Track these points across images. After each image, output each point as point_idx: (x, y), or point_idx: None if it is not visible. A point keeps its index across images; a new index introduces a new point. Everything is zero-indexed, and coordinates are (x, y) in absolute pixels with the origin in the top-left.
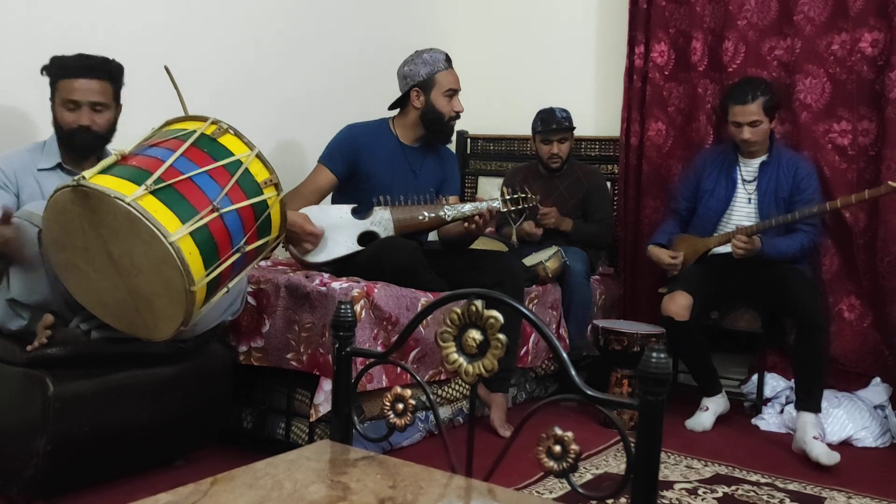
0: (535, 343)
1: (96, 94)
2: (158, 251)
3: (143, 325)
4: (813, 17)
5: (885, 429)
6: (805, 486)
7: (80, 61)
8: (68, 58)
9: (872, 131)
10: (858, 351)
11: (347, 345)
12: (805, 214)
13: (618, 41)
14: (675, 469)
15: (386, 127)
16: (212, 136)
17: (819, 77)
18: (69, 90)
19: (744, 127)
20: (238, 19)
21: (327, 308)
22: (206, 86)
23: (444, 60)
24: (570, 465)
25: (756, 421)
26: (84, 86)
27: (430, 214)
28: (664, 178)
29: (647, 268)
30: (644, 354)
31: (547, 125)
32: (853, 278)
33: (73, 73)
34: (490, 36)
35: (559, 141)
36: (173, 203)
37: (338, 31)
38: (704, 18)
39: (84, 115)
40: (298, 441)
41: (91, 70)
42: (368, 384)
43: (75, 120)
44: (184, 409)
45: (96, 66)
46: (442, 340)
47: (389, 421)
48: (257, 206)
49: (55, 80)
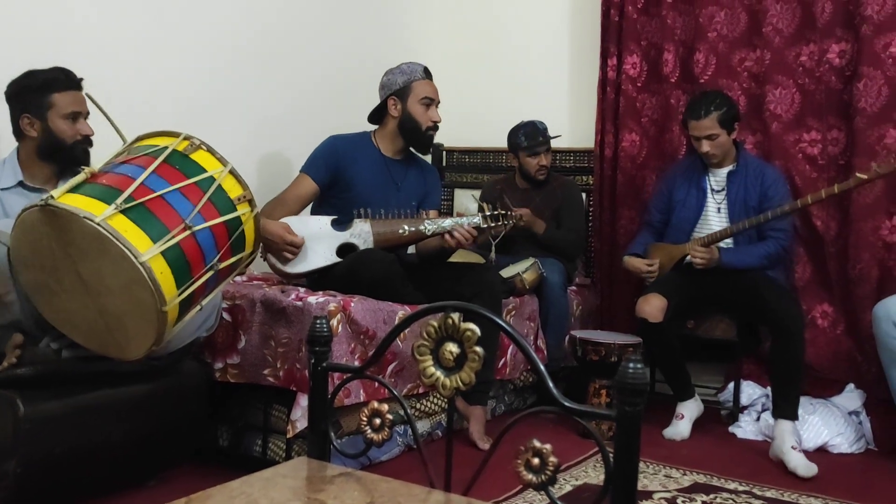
0: (513, 355)
1: (85, 104)
2: (129, 271)
3: (115, 344)
4: (781, 28)
5: (859, 434)
6: (782, 493)
7: (65, 74)
8: (52, 71)
9: (841, 140)
10: (832, 358)
11: (323, 360)
12: (777, 214)
13: (591, 53)
14: (653, 478)
15: (368, 139)
16: (184, 152)
17: (788, 87)
18: (68, 103)
19: (702, 140)
20: (213, 33)
21: (304, 323)
22: (182, 100)
23: (423, 71)
24: (549, 478)
25: (733, 429)
26: (79, 97)
27: (411, 228)
28: (639, 189)
29: (623, 278)
30: (621, 365)
31: (533, 139)
32: (825, 286)
33: (67, 86)
34: (464, 49)
35: (545, 153)
36: (144, 222)
37: (312, 46)
38: (675, 31)
39: (84, 125)
40: (276, 458)
41: (77, 82)
42: (346, 399)
43: (78, 131)
44: (158, 428)
45: (76, 77)
46: (419, 354)
47: (367, 437)
48: (231, 223)
49: (44, 93)
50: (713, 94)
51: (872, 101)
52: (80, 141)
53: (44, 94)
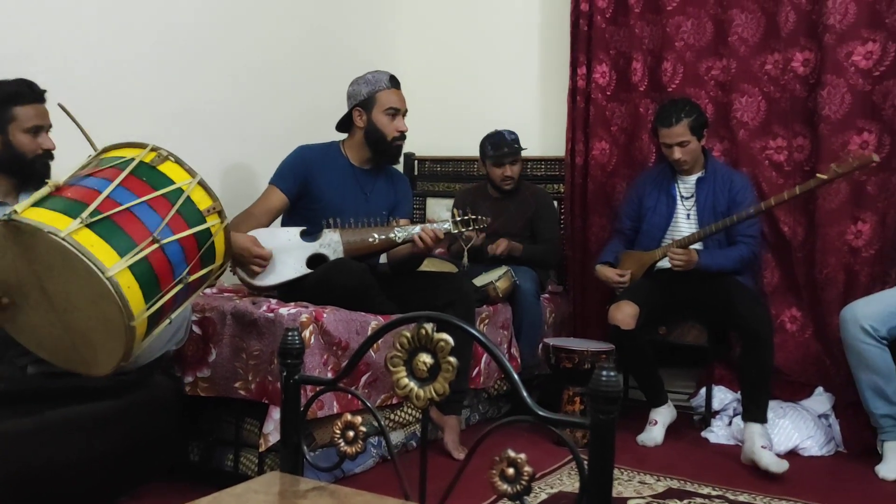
0: (487, 364)
1: (48, 118)
2: (95, 287)
3: (82, 360)
4: (747, 38)
5: (829, 437)
6: (755, 496)
7: (29, 86)
8: (15, 83)
9: (806, 147)
10: (801, 361)
11: (295, 372)
12: (742, 217)
13: (560, 63)
14: (628, 485)
15: (337, 149)
16: (151, 163)
17: (754, 96)
18: (31, 116)
19: (673, 147)
20: (179, 43)
21: (275, 335)
22: (148, 110)
23: (388, 80)
24: (524, 488)
25: (706, 434)
26: (42, 111)
27: (381, 236)
28: (609, 196)
29: (595, 285)
30: (594, 373)
31: (499, 149)
32: (793, 291)
33: (30, 99)
34: (436, 58)
35: (511, 163)
36: (110, 236)
37: (282, 55)
38: (643, 40)
39: (46, 139)
40: (248, 472)
41: (41, 95)
42: (319, 411)
43: (40, 145)
44: (128, 444)
45: (40, 90)
46: (392, 365)
47: (340, 449)
48: (200, 235)
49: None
50: (682, 101)
51: (836, 108)
52: (41, 155)
53: (6, 107)
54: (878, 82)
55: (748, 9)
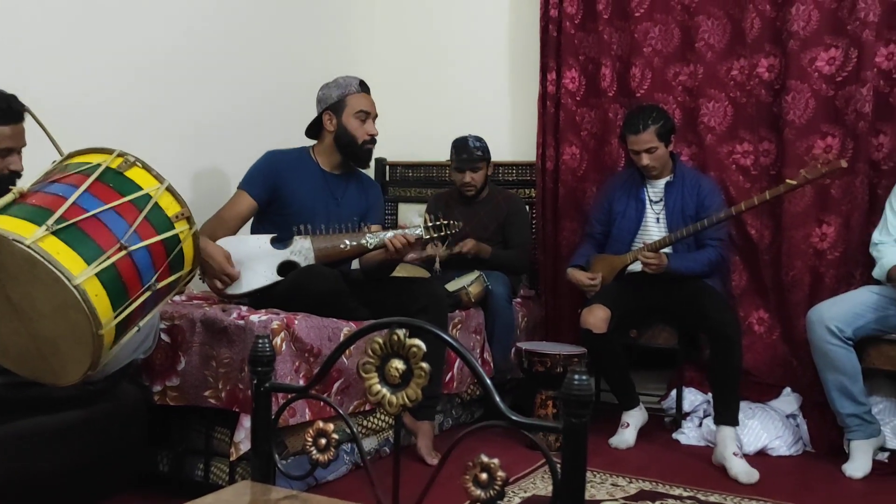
0: (459, 369)
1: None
2: (62, 295)
3: (49, 370)
4: (713, 43)
5: (797, 437)
6: (725, 497)
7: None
8: None
9: (772, 152)
10: (769, 363)
11: (266, 380)
12: (712, 221)
13: (530, 68)
14: (601, 488)
15: (307, 154)
16: (118, 169)
17: (721, 101)
18: (3, 137)
19: (641, 154)
20: (146, 44)
21: (246, 342)
22: (114, 114)
23: (358, 84)
24: (497, 493)
25: (677, 435)
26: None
27: (352, 243)
28: (580, 201)
29: (567, 289)
30: (566, 377)
31: (459, 155)
32: (761, 293)
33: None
34: (407, 63)
35: (472, 170)
36: (77, 243)
37: (251, 57)
38: (612, 46)
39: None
40: (219, 482)
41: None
42: (291, 418)
43: (6, 166)
44: (95, 455)
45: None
46: (364, 372)
47: (312, 457)
48: (168, 242)
49: None
50: (649, 108)
51: (800, 113)
52: (7, 176)
53: None
54: (841, 87)
55: (714, 15)
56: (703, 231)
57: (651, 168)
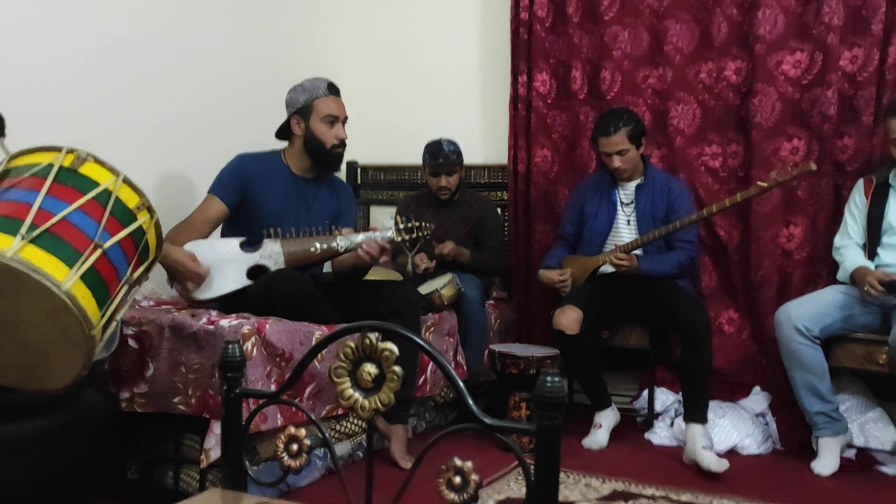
0: (433, 372)
1: None
2: (51, 302)
3: (36, 377)
4: (682, 47)
5: (766, 435)
6: (697, 495)
7: None
8: None
9: (740, 154)
10: (739, 362)
11: (236, 386)
12: (684, 223)
13: (502, 71)
14: (574, 488)
15: (277, 158)
16: (71, 167)
17: (690, 104)
18: None
19: (613, 156)
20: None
21: (216, 347)
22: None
23: (326, 87)
24: (471, 496)
25: (648, 435)
26: None
27: (322, 246)
28: (552, 203)
29: (539, 291)
30: (539, 379)
31: (434, 159)
32: (730, 293)
33: None
34: (378, 66)
35: (447, 174)
36: (55, 249)
37: (220, 59)
38: (582, 49)
39: None
40: (189, 490)
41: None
42: (262, 424)
43: None
44: (60, 465)
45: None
46: (336, 376)
47: (284, 463)
48: (135, 234)
49: None
50: (620, 111)
51: (767, 115)
52: None
53: None
54: (807, 90)
55: (682, 19)
56: (674, 233)
57: (622, 170)
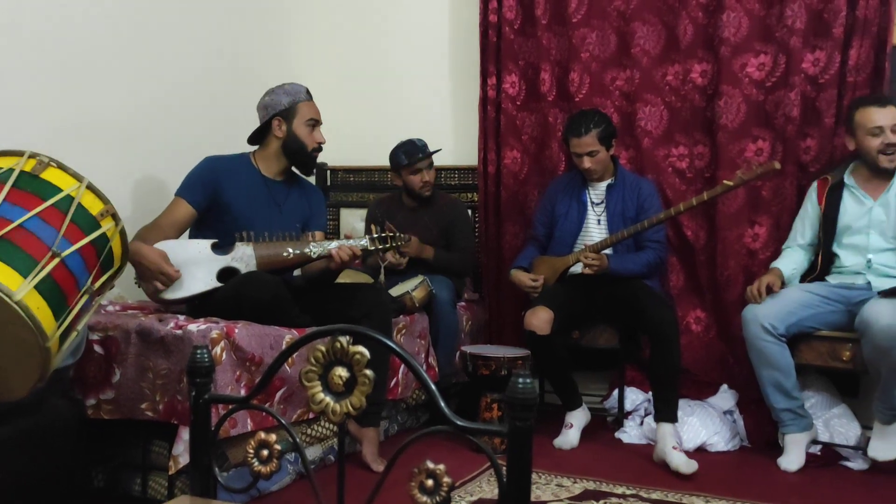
0: (404, 374)
1: None
2: (3, 313)
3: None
4: (648, 49)
5: (734, 433)
6: (667, 494)
7: None
8: None
9: (706, 155)
10: (706, 360)
11: (205, 391)
12: (652, 222)
13: (471, 73)
14: (546, 489)
15: (247, 160)
16: (33, 172)
17: (657, 105)
18: None
19: (583, 157)
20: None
21: (184, 352)
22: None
23: (305, 92)
24: (444, 499)
25: (619, 435)
26: None
27: (296, 251)
28: (522, 204)
29: (510, 292)
30: (510, 381)
31: (412, 157)
32: (697, 292)
33: None
34: (347, 68)
35: (427, 168)
36: (8, 257)
37: (189, 61)
38: (551, 51)
39: None
40: (157, 497)
41: None
42: (232, 429)
43: None
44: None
45: None
46: (306, 380)
47: (254, 469)
48: (97, 242)
49: None
50: (591, 112)
51: (732, 117)
52: None
53: None
54: (771, 92)
55: (649, 22)
56: (643, 232)
57: (592, 171)
